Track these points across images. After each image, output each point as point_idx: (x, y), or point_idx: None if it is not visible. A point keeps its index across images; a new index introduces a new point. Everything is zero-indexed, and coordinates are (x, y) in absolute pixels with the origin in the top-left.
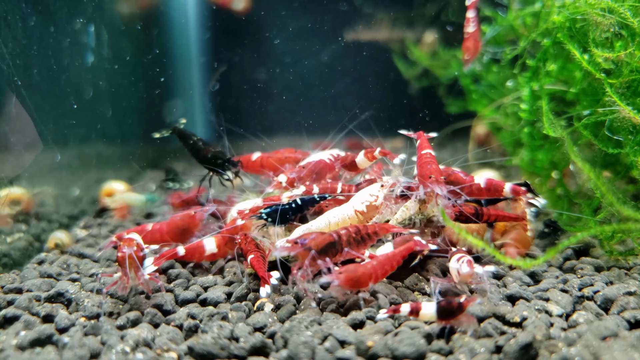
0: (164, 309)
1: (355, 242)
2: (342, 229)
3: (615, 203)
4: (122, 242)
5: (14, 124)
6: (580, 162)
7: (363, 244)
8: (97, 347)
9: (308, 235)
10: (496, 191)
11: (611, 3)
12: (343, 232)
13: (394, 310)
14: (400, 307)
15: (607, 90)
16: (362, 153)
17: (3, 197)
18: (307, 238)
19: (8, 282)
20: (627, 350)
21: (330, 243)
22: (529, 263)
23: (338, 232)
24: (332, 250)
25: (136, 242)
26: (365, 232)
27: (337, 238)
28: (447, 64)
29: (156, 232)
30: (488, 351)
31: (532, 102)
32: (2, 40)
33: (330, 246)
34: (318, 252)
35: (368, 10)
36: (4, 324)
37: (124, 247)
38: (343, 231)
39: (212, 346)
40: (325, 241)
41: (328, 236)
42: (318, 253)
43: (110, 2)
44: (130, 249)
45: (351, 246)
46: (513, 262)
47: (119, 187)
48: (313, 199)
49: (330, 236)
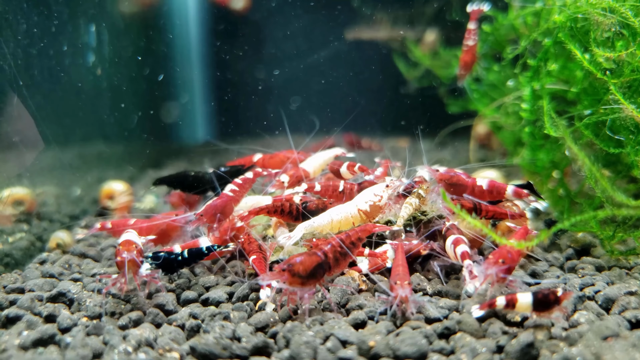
0: (165, 308)
1: (342, 255)
2: (326, 243)
3: (608, 188)
4: (122, 246)
5: (15, 123)
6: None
7: (349, 255)
8: (100, 347)
9: (293, 259)
10: (498, 193)
11: (612, 3)
12: (328, 247)
13: (490, 305)
14: (496, 300)
15: (611, 89)
16: (345, 165)
17: (6, 197)
18: (293, 262)
19: (10, 282)
20: (629, 350)
21: (318, 265)
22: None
23: (324, 250)
24: (320, 271)
25: (135, 245)
26: (349, 241)
27: (324, 258)
28: (447, 63)
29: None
30: (489, 351)
31: (533, 101)
32: (3, 40)
33: (318, 268)
34: (306, 277)
35: (368, 9)
36: (6, 323)
37: (123, 252)
38: (328, 247)
39: (214, 346)
40: (313, 263)
41: (315, 257)
42: (306, 278)
43: (112, 1)
44: (129, 254)
45: (338, 262)
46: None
47: (118, 188)
48: (201, 253)
49: (317, 257)
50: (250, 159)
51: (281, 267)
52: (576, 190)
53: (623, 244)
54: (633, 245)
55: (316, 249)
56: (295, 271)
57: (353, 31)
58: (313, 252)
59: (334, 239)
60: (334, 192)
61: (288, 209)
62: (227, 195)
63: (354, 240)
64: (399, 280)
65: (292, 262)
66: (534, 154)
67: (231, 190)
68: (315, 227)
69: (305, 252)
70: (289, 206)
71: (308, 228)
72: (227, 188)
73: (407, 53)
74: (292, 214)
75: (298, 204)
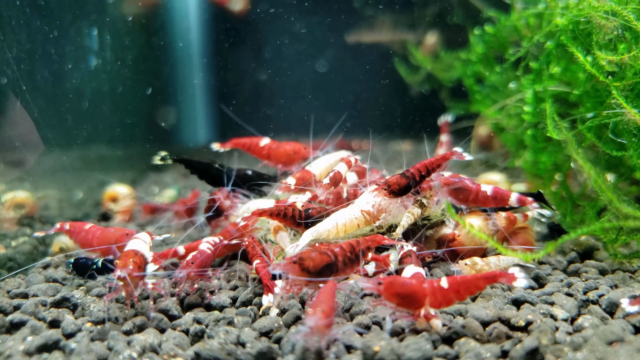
0: (169, 314)
1: (350, 261)
2: (336, 246)
3: (615, 200)
4: (120, 261)
5: (18, 127)
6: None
7: (357, 262)
8: (104, 352)
9: (306, 253)
10: (502, 200)
11: (614, 6)
12: (338, 250)
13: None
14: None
15: (613, 93)
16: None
17: (8, 201)
18: (305, 256)
19: (14, 286)
20: (634, 355)
21: (328, 265)
22: (529, 256)
23: (334, 252)
24: (328, 272)
25: (132, 261)
26: (358, 249)
27: (334, 259)
28: (448, 66)
29: (90, 233)
30: (494, 356)
31: (535, 104)
32: (6, 45)
33: (327, 267)
34: (315, 274)
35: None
36: (10, 329)
37: (117, 270)
38: (337, 249)
39: (219, 352)
40: (324, 262)
41: (326, 257)
42: (314, 275)
43: (113, 6)
44: (124, 272)
45: (346, 266)
46: (514, 254)
47: (122, 191)
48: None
49: (327, 256)
50: (257, 141)
51: (292, 259)
52: (578, 192)
53: (626, 247)
54: (636, 249)
55: (327, 250)
56: (305, 266)
57: (354, 34)
58: (324, 252)
59: (346, 244)
60: (338, 200)
61: (291, 213)
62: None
63: (363, 248)
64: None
65: (303, 256)
66: (536, 157)
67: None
68: (321, 232)
69: (317, 250)
70: (291, 211)
71: (314, 234)
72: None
73: (407, 56)
74: (295, 218)
75: (300, 209)
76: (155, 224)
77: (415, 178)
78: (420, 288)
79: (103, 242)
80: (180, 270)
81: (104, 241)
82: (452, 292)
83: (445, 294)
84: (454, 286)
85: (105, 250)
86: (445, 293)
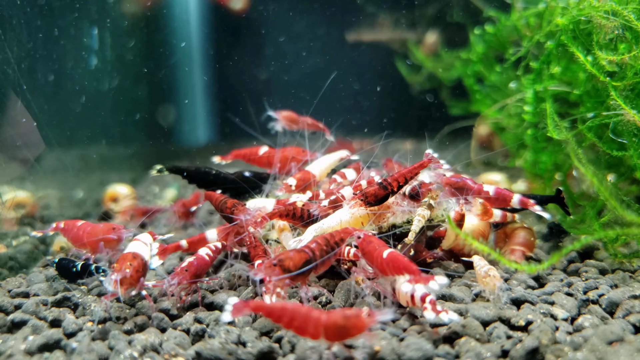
0: (170, 313)
1: (327, 254)
2: (312, 242)
3: (618, 208)
4: (117, 263)
5: (18, 127)
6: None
7: (333, 255)
8: (105, 352)
9: (283, 254)
10: (504, 201)
11: (615, 5)
12: (314, 245)
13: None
14: None
15: (612, 94)
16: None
17: (9, 201)
18: (283, 257)
19: (15, 286)
20: (634, 355)
21: (307, 261)
22: (534, 267)
23: (311, 248)
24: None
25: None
26: (333, 241)
27: (312, 254)
28: (449, 65)
29: (81, 229)
30: (494, 355)
31: (535, 104)
32: (7, 45)
33: (306, 264)
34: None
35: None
36: (12, 328)
37: (113, 274)
38: (313, 244)
39: (220, 351)
40: (302, 259)
41: (304, 254)
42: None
43: (114, 5)
44: (119, 275)
45: (324, 261)
46: (518, 267)
47: (123, 191)
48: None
49: (305, 253)
50: (256, 150)
51: (271, 262)
52: (579, 192)
53: (626, 246)
54: (636, 248)
55: (304, 247)
56: (286, 266)
57: (354, 33)
58: (301, 250)
59: (320, 238)
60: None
61: (300, 213)
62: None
63: (337, 240)
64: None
65: (282, 257)
66: (536, 156)
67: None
68: (325, 228)
69: (294, 249)
70: (300, 210)
71: (318, 230)
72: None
73: (408, 55)
74: (303, 218)
75: (307, 209)
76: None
77: (393, 188)
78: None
79: (91, 237)
80: (173, 278)
81: (92, 237)
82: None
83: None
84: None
85: (94, 246)
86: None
